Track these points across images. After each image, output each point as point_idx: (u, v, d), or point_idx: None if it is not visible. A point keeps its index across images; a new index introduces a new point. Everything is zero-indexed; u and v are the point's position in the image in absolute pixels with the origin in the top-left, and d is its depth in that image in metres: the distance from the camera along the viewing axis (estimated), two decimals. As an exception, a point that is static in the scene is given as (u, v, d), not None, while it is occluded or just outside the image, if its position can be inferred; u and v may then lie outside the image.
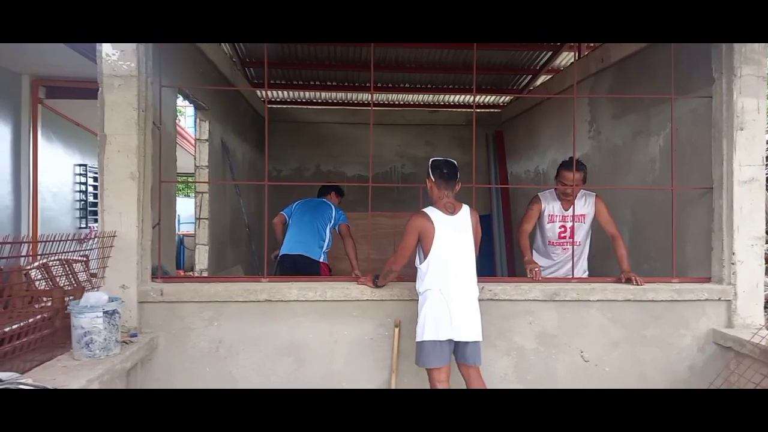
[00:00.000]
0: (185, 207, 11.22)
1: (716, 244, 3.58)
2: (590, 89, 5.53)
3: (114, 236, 3.13)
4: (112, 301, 2.81)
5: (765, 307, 3.76)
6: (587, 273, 3.92)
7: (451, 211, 3.04)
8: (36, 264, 3.37)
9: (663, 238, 4.10)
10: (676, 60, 3.75)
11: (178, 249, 9.03)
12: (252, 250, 7.41)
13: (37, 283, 3.37)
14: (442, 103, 9.34)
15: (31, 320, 2.70)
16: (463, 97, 8.87)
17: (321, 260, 4.60)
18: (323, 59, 6.96)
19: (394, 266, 3.17)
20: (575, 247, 3.81)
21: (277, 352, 3.33)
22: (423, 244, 3.00)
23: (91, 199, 7.44)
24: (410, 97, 9.05)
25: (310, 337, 3.34)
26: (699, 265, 3.76)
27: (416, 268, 3.09)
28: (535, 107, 7.60)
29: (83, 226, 7.30)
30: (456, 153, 7.62)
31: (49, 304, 2.94)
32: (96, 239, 3.08)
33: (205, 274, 5.52)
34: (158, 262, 3.51)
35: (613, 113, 5.17)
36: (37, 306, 2.95)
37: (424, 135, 9.28)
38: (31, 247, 2.97)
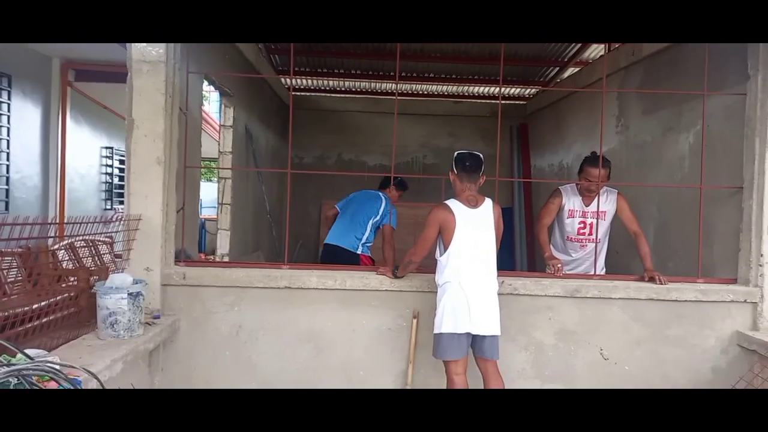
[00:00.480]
0: (207, 191, 11.35)
1: (744, 245, 3.50)
2: (620, 83, 5.41)
3: (139, 219, 3.17)
4: (137, 283, 2.85)
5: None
6: (605, 271, 3.86)
7: (474, 204, 3.02)
8: (63, 243, 3.45)
9: (690, 235, 4.01)
10: (709, 55, 3.64)
11: (199, 233, 9.16)
12: (273, 237, 7.47)
13: (63, 263, 3.45)
14: (466, 94, 9.25)
15: (58, 298, 2.76)
16: (487, 88, 8.76)
17: (360, 252, 4.50)
18: (348, 48, 6.94)
19: (414, 257, 3.16)
20: (594, 244, 3.76)
21: (297, 339, 3.35)
22: (444, 236, 2.99)
23: (116, 181, 7.56)
24: (434, 88, 8.97)
25: (329, 325, 3.36)
26: (727, 264, 3.69)
27: (436, 259, 3.09)
28: (561, 100, 7.48)
29: (108, 207, 7.44)
30: (479, 145, 7.56)
31: (75, 283, 3.01)
32: (121, 222, 3.13)
33: (226, 259, 5.58)
34: (182, 246, 3.56)
35: (643, 108, 5.06)
36: (63, 285, 3.02)
37: (447, 126, 9.20)
38: (58, 227, 3.03)
